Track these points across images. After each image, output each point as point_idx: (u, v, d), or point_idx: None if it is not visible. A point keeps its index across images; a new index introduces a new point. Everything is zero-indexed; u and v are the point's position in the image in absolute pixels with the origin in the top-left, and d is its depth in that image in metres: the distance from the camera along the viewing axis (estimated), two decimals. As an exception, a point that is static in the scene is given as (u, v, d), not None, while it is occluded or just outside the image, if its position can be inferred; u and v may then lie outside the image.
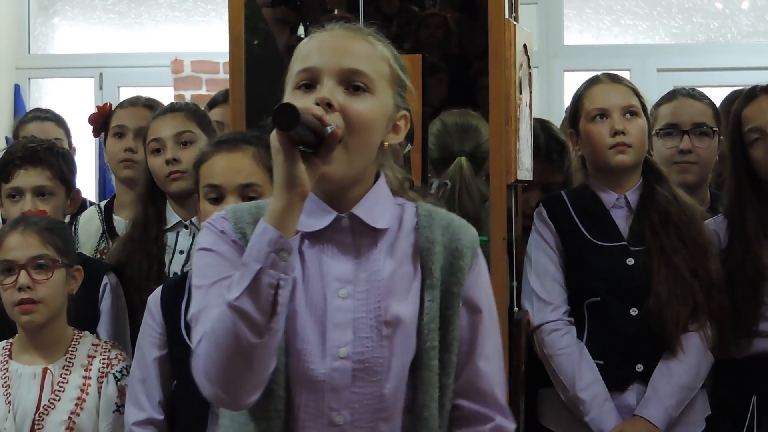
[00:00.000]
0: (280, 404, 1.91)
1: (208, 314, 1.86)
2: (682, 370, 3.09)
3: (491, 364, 2.04)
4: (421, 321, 1.95)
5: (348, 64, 1.91)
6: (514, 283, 3.25)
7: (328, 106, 1.87)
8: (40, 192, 3.20)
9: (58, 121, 4.43)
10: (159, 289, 2.84)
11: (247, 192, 2.67)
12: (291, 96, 1.93)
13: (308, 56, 1.93)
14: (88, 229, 3.63)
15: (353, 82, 1.91)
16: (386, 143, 1.99)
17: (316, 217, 1.91)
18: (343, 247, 1.95)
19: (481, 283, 2.03)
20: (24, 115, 4.72)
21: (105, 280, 3.14)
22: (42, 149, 3.25)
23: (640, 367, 3.11)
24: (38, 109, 4.68)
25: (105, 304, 3.13)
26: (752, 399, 3.14)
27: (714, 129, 3.57)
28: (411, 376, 1.96)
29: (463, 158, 3.25)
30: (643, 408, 3.08)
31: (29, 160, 3.21)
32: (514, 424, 2.07)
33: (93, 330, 3.07)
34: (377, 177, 2.00)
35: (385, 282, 1.94)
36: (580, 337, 3.16)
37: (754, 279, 3.13)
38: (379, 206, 1.97)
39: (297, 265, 1.87)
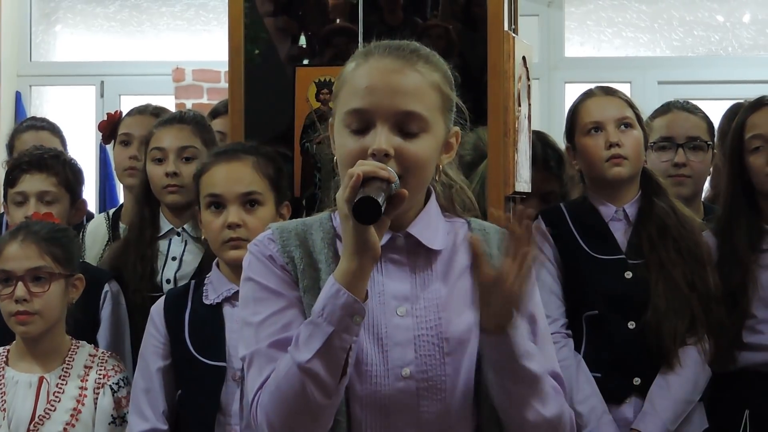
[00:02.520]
0: (342, 430, 1.88)
1: (266, 362, 1.85)
2: (680, 384, 3.08)
3: (551, 363, 2.01)
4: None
5: (401, 106, 1.87)
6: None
7: (385, 155, 1.85)
8: (44, 198, 3.21)
9: (54, 130, 4.42)
10: (162, 300, 2.86)
11: (248, 200, 2.68)
12: (342, 135, 1.90)
13: (358, 94, 1.89)
14: (96, 236, 3.65)
15: (407, 125, 1.87)
16: (441, 164, 1.97)
17: None
18: (398, 266, 1.93)
19: (534, 293, 2.00)
20: (19, 124, 4.71)
21: (106, 287, 3.14)
22: (49, 156, 3.28)
23: (637, 381, 3.11)
24: (33, 118, 4.69)
25: (105, 312, 3.13)
26: (745, 412, 3.14)
27: (708, 143, 3.58)
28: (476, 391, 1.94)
29: None
30: (640, 422, 3.07)
31: (35, 165, 3.23)
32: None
33: (93, 337, 3.08)
34: (428, 194, 1.99)
35: (443, 299, 1.92)
36: (577, 349, 3.15)
37: (740, 291, 3.14)
38: (431, 226, 1.96)
39: None
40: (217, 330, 2.76)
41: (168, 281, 3.19)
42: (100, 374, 2.87)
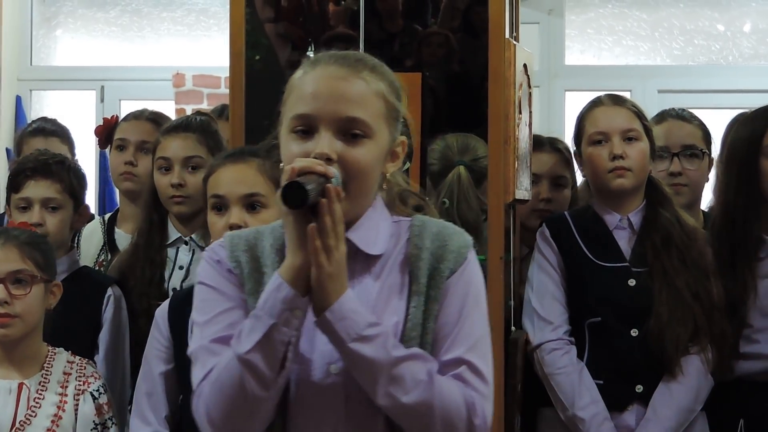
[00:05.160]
0: (277, 426, 1.91)
1: (209, 356, 1.89)
2: (683, 393, 3.09)
3: (471, 340, 1.94)
4: (405, 327, 1.92)
5: (345, 112, 1.90)
6: (511, 303, 3.25)
7: (327, 160, 1.87)
8: (48, 204, 3.21)
9: (64, 136, 4.41)
10: (166, 303, 2.85)
11: (250, 202, 2.68)
12: (287, 140, 1.93)
13: (303, 100, 1.92)
14: (90, 240, 3.64)
15: (351, 131, 1.90)
16: (387, 173, 1.99)
17: None
18: None
19: (467, 280, 1.95)
20: (28, 125, 4.70)
21: (109, 291, 3.15)
22: (54, 162, 3.26)
23: (639, 388, 3.11)
24: (44, 119, 4.65)
25: (107, 315, 3.14)
26: (740, 422, 3.14)
27: (704, 150, 3.57)
28: None
29: (461, 167, 3.25)
30: (642, 429, 3.08)
31: (40, 171, 3.22)
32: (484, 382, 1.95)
33: (94, 340, 3.09)
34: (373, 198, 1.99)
35: (372, 302, 1.92)
36: (580, 356, 3.15)
37: (739, 300, 3.13)
38: (373, 229, 1.96)
39: None
40: None
41: (174, 290, 3.19)
42: (80, 381, 2.87)
